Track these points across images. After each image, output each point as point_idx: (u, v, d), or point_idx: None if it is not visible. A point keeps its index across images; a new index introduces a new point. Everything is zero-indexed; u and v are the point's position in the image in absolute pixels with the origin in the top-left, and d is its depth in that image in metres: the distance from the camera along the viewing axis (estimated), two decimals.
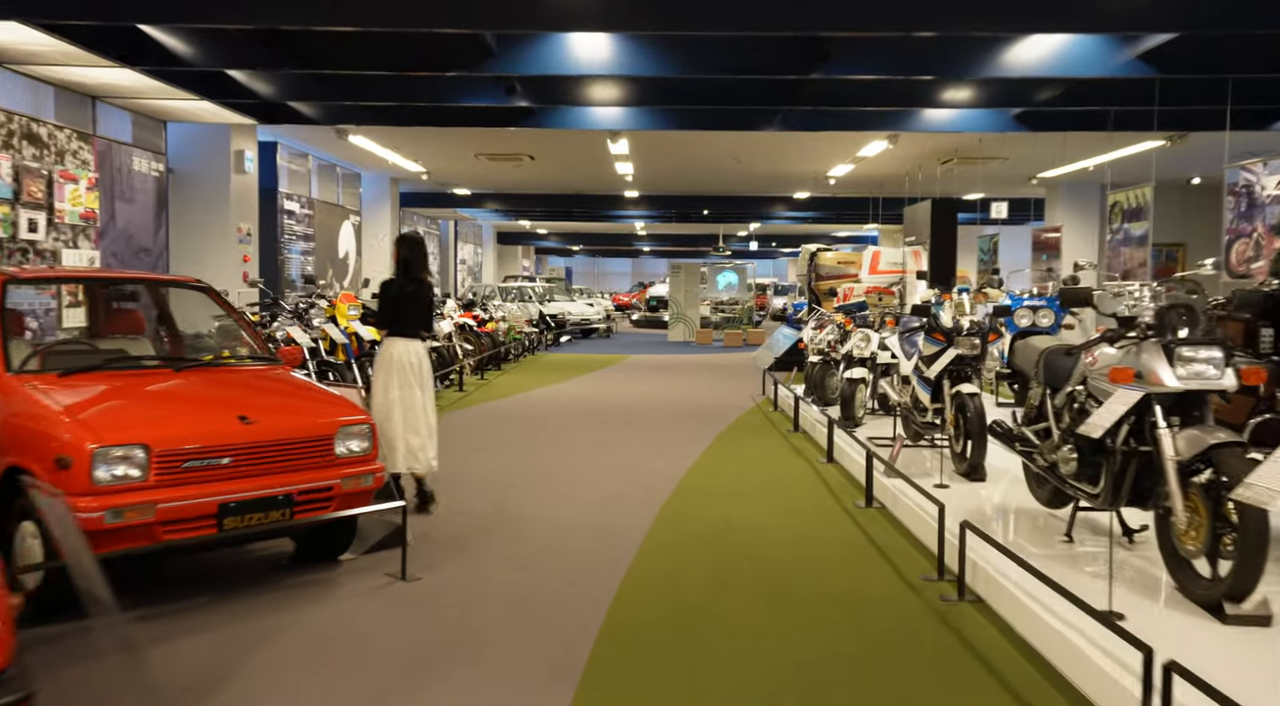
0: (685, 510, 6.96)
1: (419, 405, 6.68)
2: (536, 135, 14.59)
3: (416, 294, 6.80)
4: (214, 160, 12.10)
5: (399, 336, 6.72)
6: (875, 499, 7.16)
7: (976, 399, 7.19)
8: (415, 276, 6.83)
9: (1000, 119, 10.85)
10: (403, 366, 6.64)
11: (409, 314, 6.75)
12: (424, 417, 6.74)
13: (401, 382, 6.62)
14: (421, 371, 6.75)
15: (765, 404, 13.20)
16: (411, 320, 6.76)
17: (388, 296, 6.79)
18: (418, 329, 6.81)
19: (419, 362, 6.75)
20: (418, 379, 6.70)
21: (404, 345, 6.69)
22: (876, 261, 16.64)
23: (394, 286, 6.82)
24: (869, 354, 10.14)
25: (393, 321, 6.77)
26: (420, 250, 6.97)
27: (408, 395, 6.63)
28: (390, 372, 6.63)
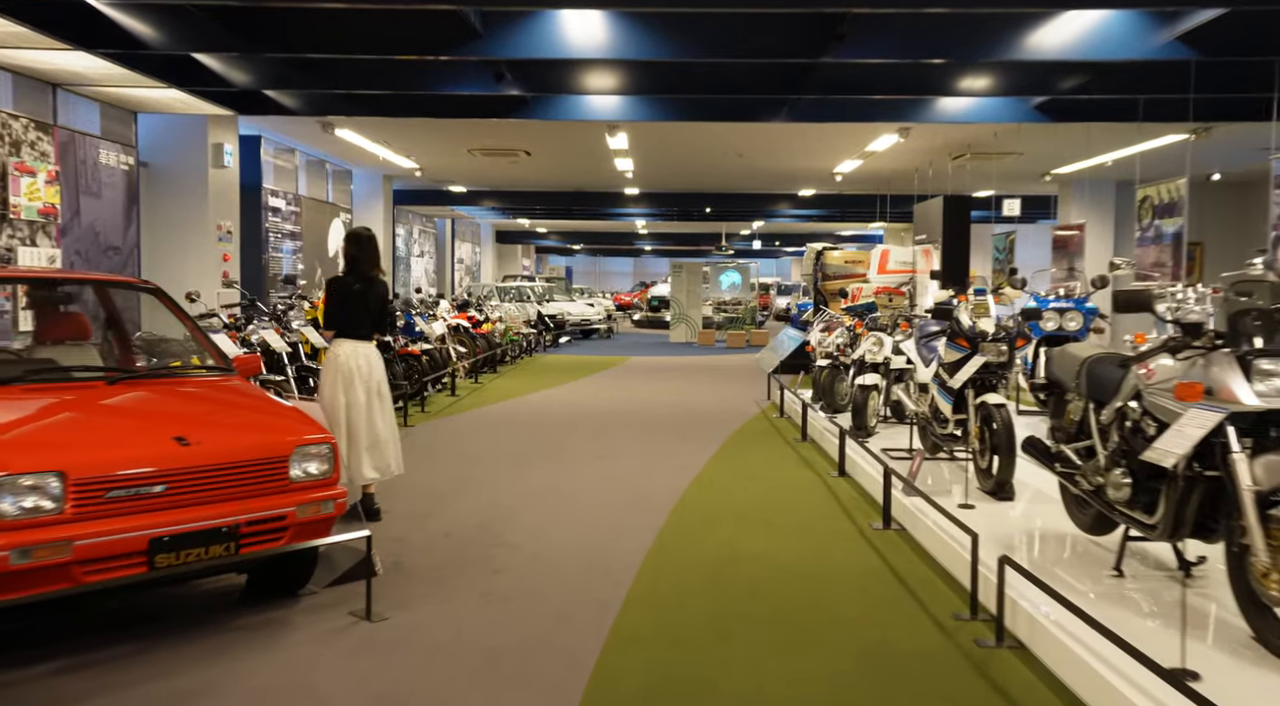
0: (686, 534, 6.36)
1: (367, 411, 6.33)
2: (531, 129, 13.99)
3: (366, 293, 6.45)
4: (190, 154, 11.50)
5: (348, 338, 6.39)
6: (894, 519, 6.56)
7: (1004, 411, 6.59)
8: (365, 274, 6.49)
9: (1020, 109, 10.22)
10: (350, 370, 6.30)
11: (358, 314, 6.42)
12: (378, 424, 6.40)
13: (347, 387, 6.28)
14: (372, 375, 6.40)
15: (770, 410, 12.61)
16: (361, 321, 6.43)
17: (334, 296, 6.47)
18: (369, 330, 6.49)
19: (369, 366, 6.39)
20: (366, 383, 6.35)
21: (352, 347, 6.35)
22: (885, 260, 16.02)
23: (341, 285, 6.49)
24: (882, 359, 9.56)
25: (340, 322, 6.43)
26: (369, 247, 6.56)
27: (355, 400, 6.28)
28: (337, 377, 6.29)
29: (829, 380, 10.96)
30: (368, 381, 6.36)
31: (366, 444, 6.32)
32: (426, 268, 25.41)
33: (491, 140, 15.13)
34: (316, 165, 16.81)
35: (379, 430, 6.40)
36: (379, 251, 6.69)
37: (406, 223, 23.48)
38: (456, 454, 9.16)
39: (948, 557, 5.56)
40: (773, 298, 39.74)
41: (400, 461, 6.60)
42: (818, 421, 10.03)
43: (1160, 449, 3.82)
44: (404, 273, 22.78)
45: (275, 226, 14.52)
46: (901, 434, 9.27)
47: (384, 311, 6.62)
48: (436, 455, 9.09)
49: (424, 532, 6.29)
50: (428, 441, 9.87)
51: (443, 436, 10.23)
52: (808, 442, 9.99)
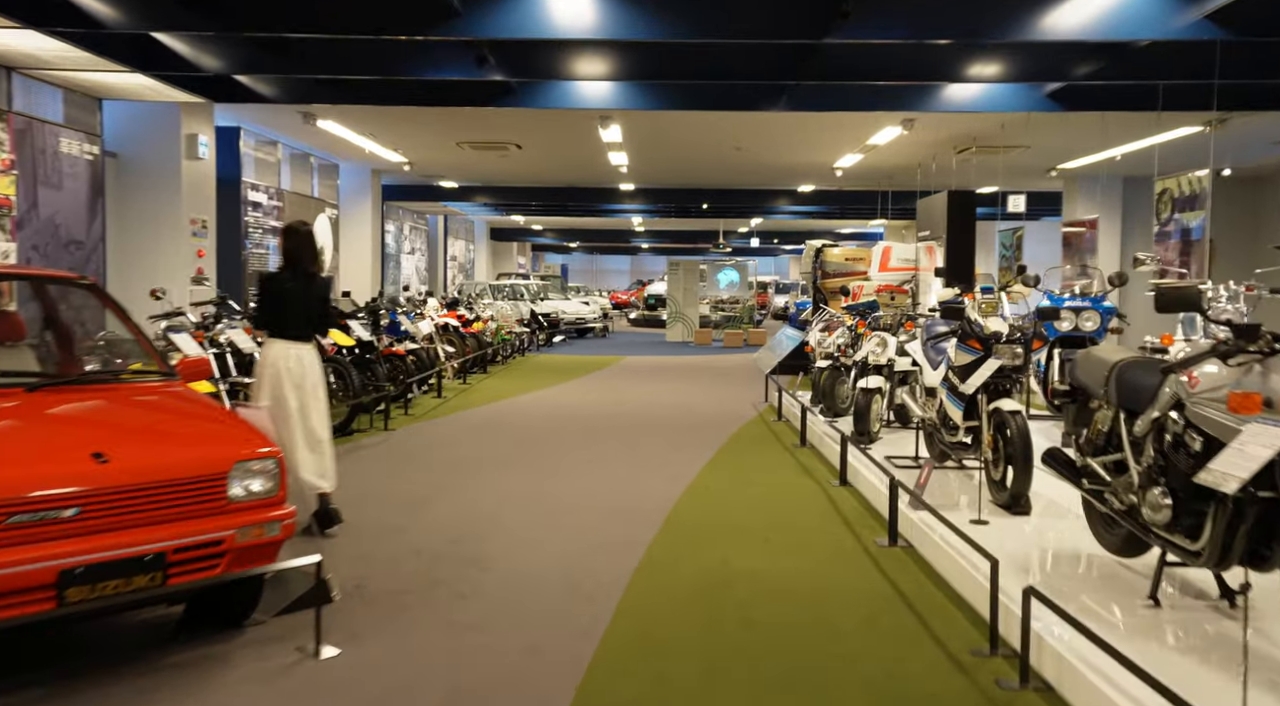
0: (676, 551, 5.87)
1: (301, 415, 5.98)
2: (520, 120, 13.49)
3: (303, 290, 6.10)
4: (162, 144, 10.98)
5: (282, 338, 6.04)
6: (900, 534, 6.07)
7: (1019, 418, 6.10)
8: (303, 270, 6.14)
9: (1030, 97, 9.72)
10: (279, 372, 5.96)
11: (294, 313, 6.07)
12: (318, 431, 6.07)
13: (275, 390, 5.95)
14: (306, 378, 6.05)
15: (768, 412, 12.12)
16: (298, 320, 6.08)
17: (267, 293, 6.12)
18: (306, 330, 6.14)
19: (301, 367, 6.03)
20: (298, 386, 6.01)
21: (284, 348, 6.01)
22: (887, 258, 15.54)
23: (274, 282, 6.14)
24: (886, 361, 9.07)
25: (274, 321, 6.10)
26: (305, 241, 6.20)
27: (285, 405, 5.93)
28: (264, 379, 5.98)
29: (829, 382, 10.47)
30: (299, 384, 6.00)
31: (307, 448, 6.00)
32: (418, 265, 24.90)
33: (480, 132, 14.63)
34: (301, 159, 16.30)
35: (319, 435, 6.07)
36: (317, 246, 6.37)
37: (397, 219, 22.99)
38: (436, 460, 8.67)
39: (962, 581, 5.07)
40: (770, 296, 39.29)
41: (334, 473, 6.22)
42: (817, 426, 9.55)
43: (1218, 470, 3.33)
44: (393, 270, 22.28)
45: (256, 222, 14.02)
46: (905, 439, 8.80)
47: (324, 311, 6.30)
48: (415, 461, 8.61)
49: (392, 549, 5.80)
50: (407, 446, 9.38)
51: (424, 441, 9.74)
52: (807, 448, 9.52)
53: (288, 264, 6.18)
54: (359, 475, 7.97)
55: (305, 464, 5.95)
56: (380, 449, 9.24)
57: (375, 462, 8.56)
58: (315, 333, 6.26)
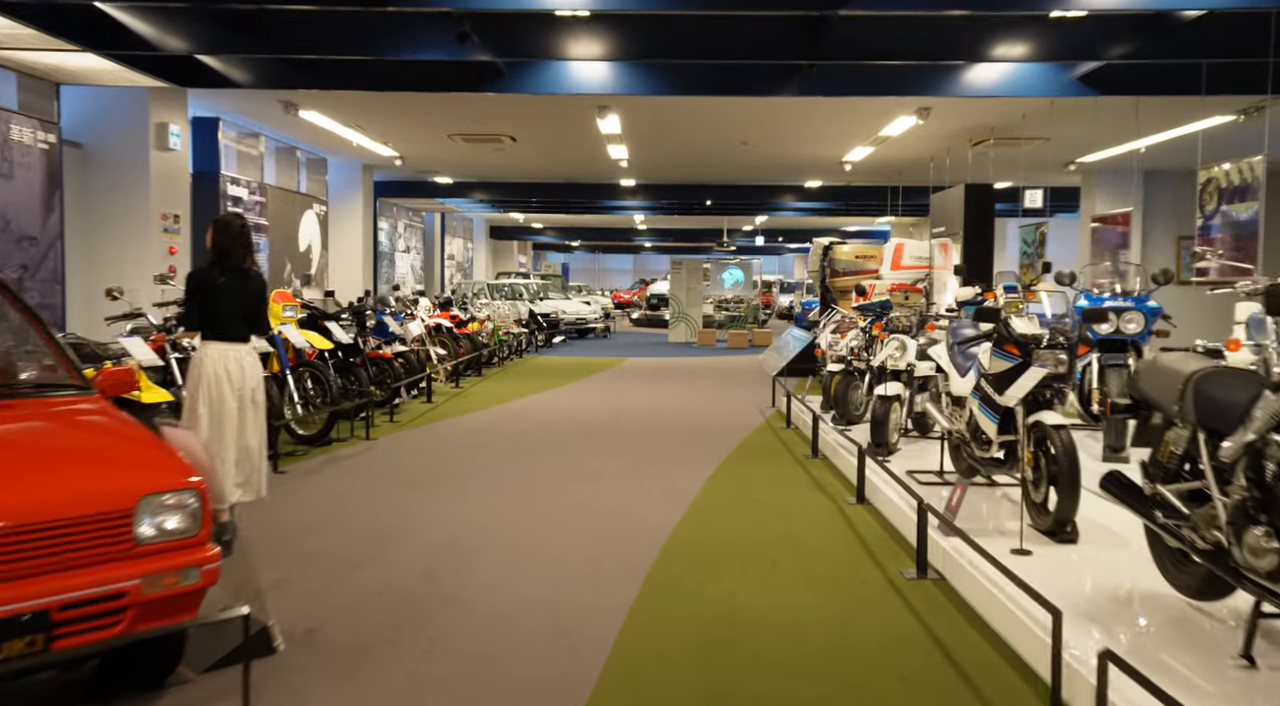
0: (676, 583, 5.17)
1: (239, 422, 5.67)
2: (513, 110, 12.80)
3: (235, 287, 5.74)
4: (129, 134, 10.29)
5: (214, 340, 5.70)
6: (930, 564, 5.37)
7: (1064, 434, 5.40)
8: (236, 265, 5.78)
9: (1059, 80, 9.00)
10: (217, 376, 5.63)
11: (227, 312, 5.72)
12: (250, 438, 5.76)
13: (215, 395, 5.61)
14: (245, 381, 5.72)
15: (776, 418, 11.43)
16: (232, 320, 5.74)
17: (195, 290, 5.73)
18: (240, 330, 5.79)
19: (241, 371, 5.71)
20: (238, 390, 5.68)
21: (223, 351, 5.68)
22: (899, 255, 14.83)
23: (203, 278, 5.74)
24: (905, 366, 8.38)
25: (203, 321, 5.73)
26: (237, 235, 5.81)
27: (224, 410, 5.62)
28: (200, 384, 5.63)
29: (842, 388, 9.77)
30: (239, 389, 5.67)
31: (235, 459, 5.66)
32: (413, 264, 24.21)
33: (472, 124, 13.94)
34: (286, 152, 15.61)
35: (250, 444, 5.73)
36: (251, 239, 5.93)
37: (391, 216, 22.30)
38: (417, 474, 7.98)
39: (1007, 625, 4.37)
40: (775, 295, 38.62)
41: (264, 484, 5.92)
42: (829, 435, 8.86)
43: None
44: (387, 269, 21.59)
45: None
46: (926, 451, 8.14)
47: (260, 310, 5.91)
48: (393, 476, 7.92)
49: (353, 586, 5.11)
50: (387, 458, 8.70)
51: (406, 451, 9.06)
52: (819, 460, 8.83)
53: (218, 259, 5.76)
54: (329, 492, 7.28)
55: (229, 474, 5.63)
56: (358, 461, 8.56)
57: (349, 477, 7.87)
58: (252, 333, 5.89)
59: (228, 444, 5.67)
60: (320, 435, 9.20)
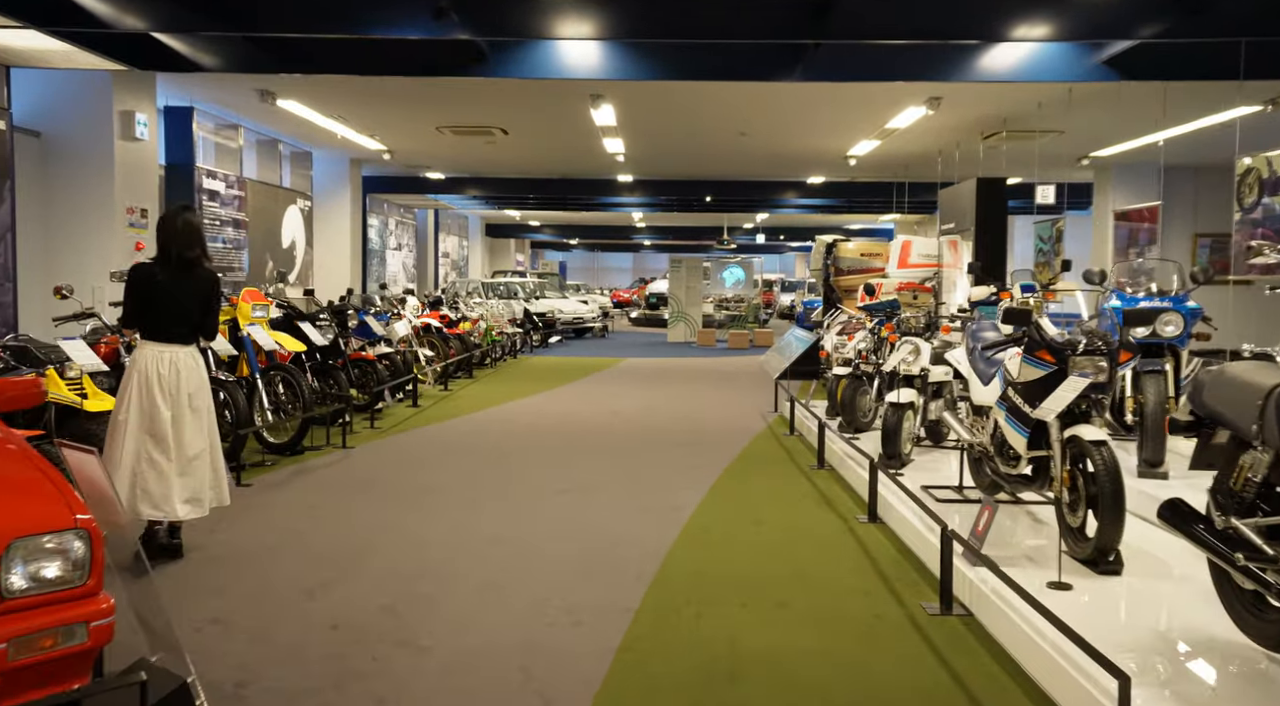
0: (669, 622, 4.57)
1: (174, 430, 5.24)
2: (502, 100, 12.21)
3: (179, 285, 5.34)
4: (91, 122, 9.67)
5: (152, 340, 5.30)
6: (955, 598, 4.77)
7: (1106, 450, 4.79)
8: (181, 262, 5.37)
9: (1082, 64, 8.37)
10: (149, 378, 5.21)
11: (167, 311, 5.31)
12: (191, 446, 5.29)
13: (145, 400, 5.19)
14: (180, 386, 5.28)
15: (779, 424, 10.83)
16: (171, 320, 5.33)
17: (134, 288, 5.34)
18: (184, 331, 5.38)
19: (176, 374, 5.27)
20: (172, 395, 5.25)
21: (156, 352, 5.26)
22: (907, 253, 14.25)
23: (143, 274, 5.34)
24: (919, 371, 7.78)
25: (143, 320, 5.34)
26: (175, 229, 5.38)
27: (155, 416, 5.18)
28: (129, 388, 5.23)
29: (849, 393, 9.18)
30: (174, 393, 5.25)
31: (177, 470, 5.22)
32: (405, 262, 23.61)
33: (460, 115, 13.34)
34: (268, 145, 15.01)
35: (191, 452, 5.29)
36: (202, 233, 5.48)
37: (381, 213, 21.70)
38: (391, 487, 7.38)
39: (1051, 678, 3.78)
40: (776, 294, 38.05)
41: (225, 492, 5.53)
42: (836, 444, 8.26)
43: None
44: (378, 267, 20.99)
45: (212, 212, 12.72)
46: (940, 462, 7.57)
47: (207, 309, 5.47)
48: (365, 489, 7.32)
49: (303, 620, 4.51)
50: (362, 469, 8.10)
51: (384, 461, 8.46)
52: (826, 471, 8.23)
53: (160, 254, 5.39)
54: (294, 508, 6.68)
55: (175, 492, 5.21)
56: (330, 472, 7.96)
57: (318, 490, 7.27)
58: (200, 335, 5.49)
59: (171, 452, 5.22)
60: (292, 443, 8.61)
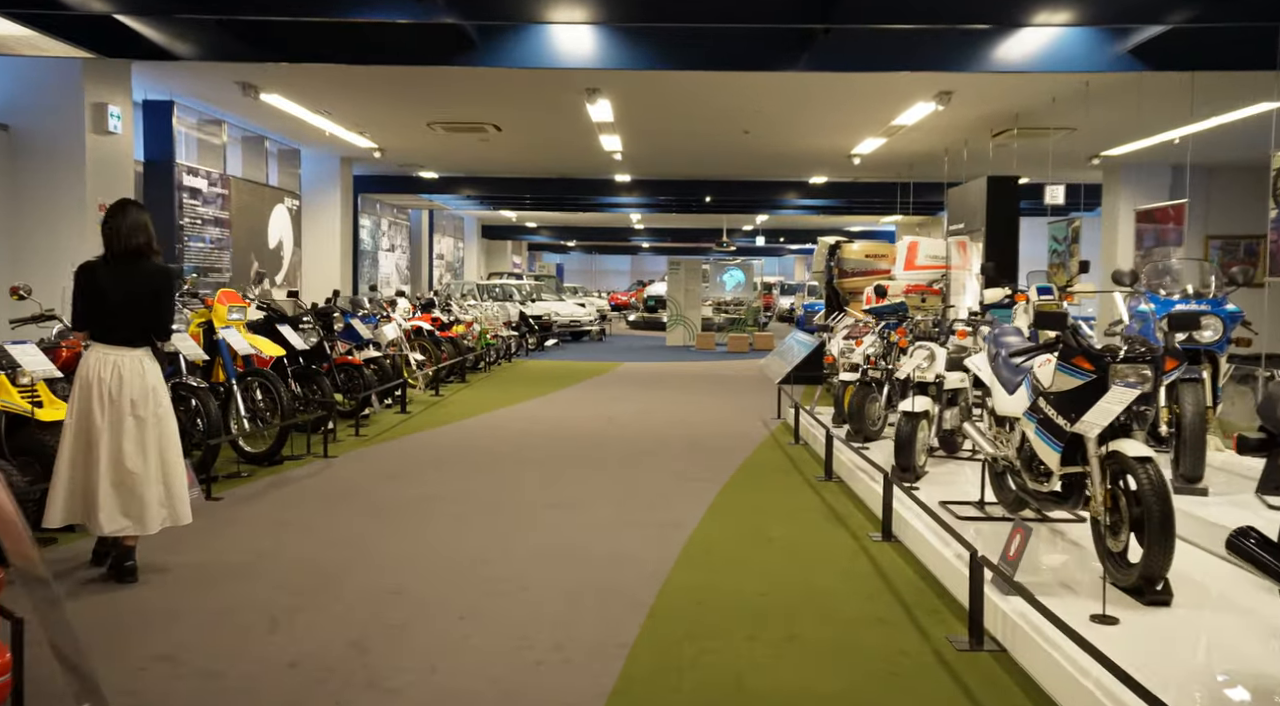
0: (668, 662, 4.10)
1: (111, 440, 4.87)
2: (494, 94, 11.78)
3: (124, 281, 4.98)
4: (61, 115, 9.20)
5: (99, 342, 4.98)
6: (986, 631, 4.31)
7: (1151, 467, 4.33)
8: (128, 252, 5.02)
9: (1105, 53, 7.91)
10: (89, 384, 4.88)
11: (113, 312, 4.96)
12: (130, 459, 4.90)
13: (83, 407, 4.87)
14: (123, 392, 4.91)
15: (782, 432, 10.38)
16: (120, 319, 4.98)
17: (84, 287, 4.99)
18: (131, 333, 5.01)
19: (119, 380, 4.91)
20: (113, 401, 4.88)
21: (101, 356, 4.93)
22: (914, 254, 13.81)
23: (93, 273, 5.00)
24: (934, 378, 7.32)
25: (90, 322, 5.00)
26: (123, 219, 5.03)
27: (91, 425, 4.86)
28: (73, 395, 4.94)
29: (857, 400, 8.72)
30: (112, 400, 4.88)
31: (110, 482, 4.86)
32: (398, 263, 23.15)
33: (451, 110, 12.90)
34: (254, 142, 14.55)
35: (129, 464, 4.89)
36: (149, 228, 5.08)
37: (374, 213, 21.24)
38: (371, 501, 6.92)
39: None
40: (775, 297, 37.64)
41: (184, 508, 5.10)
42: (844, 454, 7.81)
43: None
44: (370, 268, 20.54)
45: (193, 211, 12.26)
46: (955, 474, 7.17)
47: (159, 308, 5.09)
48: (343, 502, 6.86)
49: (261, 656, 4.05)
50: (343, 481, 7.64)
51: (367, 472, 8.00)
52: (834, 483, 7.78)
53: (105, 249, 5.05)
54: (266, 524, 6.22)
55: (106, 507, 4.85)
56: (308, 484, 7.50)
57: (294, 504, 6.81)
58: (152, 336, 5.11)
59: (104, 464, 4.85)
60: (270, 453, 8.15)
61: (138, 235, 5.01)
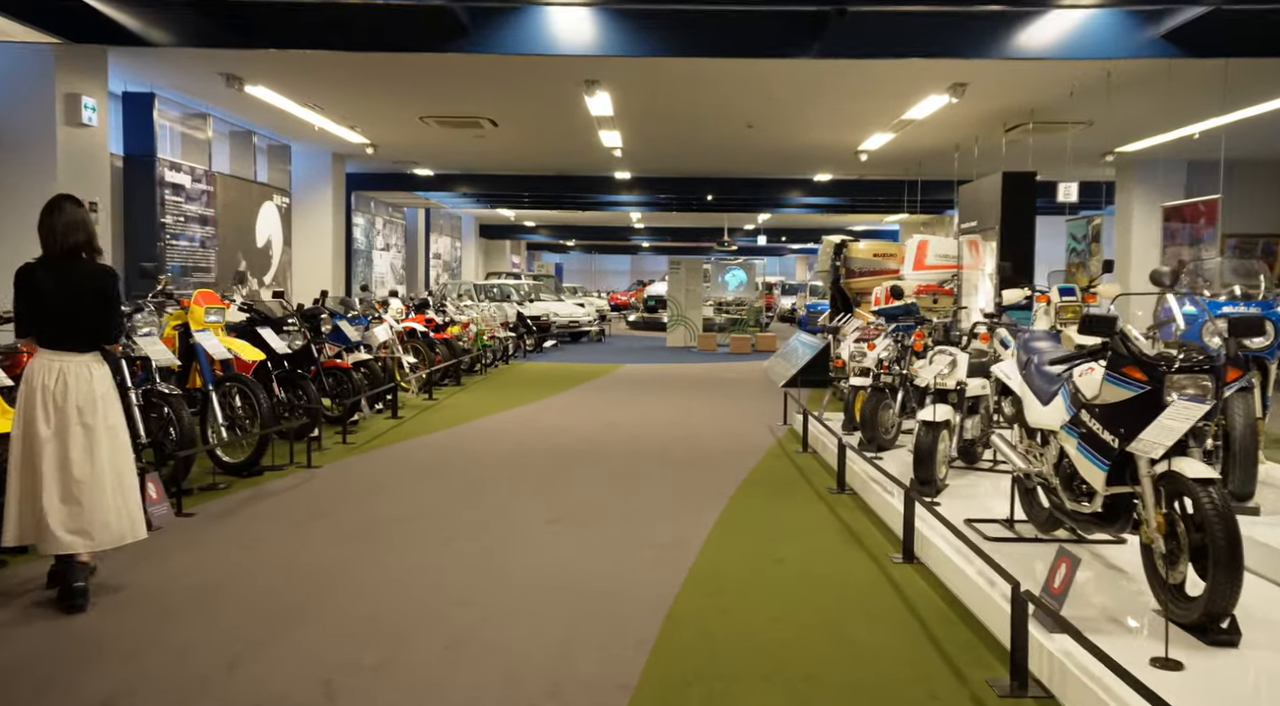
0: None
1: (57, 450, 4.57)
2: (489, 86, 11.32)
3: (64, 283, 4.64)
4: (30, 105, 8.72)
5: (45, 348, 4.67)
6: (1030, 673, 3.85)
7: (1215, 490, 3.88)
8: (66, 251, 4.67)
9: (1135, 39, 7.44)
10: (33, 391, 4.57)
11: (55, 315, 4.64)
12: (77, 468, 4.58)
13: (26, 415, 4.57)
14: (68, 399, 4.60)
15: (789, 439, 9.91)
16: (62, 322, 4.65)
17: (24, 290, 4.64)
18: (75, 337, 4.68)
19: (59, 386, 4.60)
20: (58, 409, 4.58)
21: (46, 362, 4.61)
22: (923, 254, 13.35)
23: (32, 274, 4.64)
24: (954, 384, 6.87)
25: (33, 327, 4.67)
26: (58, 217, 4.68)
27: (33, 434, 4.56)
28: (18, 403, 4.63)
29: (870, 406, 8.26)
30: (58, 408, 4.57)
31: (58, 495, 4.54)
32: (393, 263, 22.68)
33: (445, 103, 12.44)
34: (241, 137, 14.08)
35: (77, 474, 4.56)
36: (87, 225, 4.73)
37: (368, 212, 20.77)
38: (352, 518, 6.45)
39: None
40: (777, 298, 37.20)
41: (136, 524, 4.78)
42: (857, 464, 7.35)
43: None
44: (364, 268, 20.07)
45: (176, 208, 11.79)
46: (976, 486, 6.76)
47: (104, 310, 4.74)
48: (323, 519, 6.39)
49: (213, 703, 3.59)
50: (323, 494, 7.17)
51: (349, 484, 7.54)
52: (847, 496, 7.31)
53: (43, 250, 4.70)
54: (237, 544, 5.75)
55: (54, 519, 4.52)
56: (288, 497, 7.04)
57: (270, 521, 6.35)
58: (100, 340, 4.77)
59: (50, 476, 4.54)
60: (249, 463, 7.69)
61: (75, 233, 4.68)
